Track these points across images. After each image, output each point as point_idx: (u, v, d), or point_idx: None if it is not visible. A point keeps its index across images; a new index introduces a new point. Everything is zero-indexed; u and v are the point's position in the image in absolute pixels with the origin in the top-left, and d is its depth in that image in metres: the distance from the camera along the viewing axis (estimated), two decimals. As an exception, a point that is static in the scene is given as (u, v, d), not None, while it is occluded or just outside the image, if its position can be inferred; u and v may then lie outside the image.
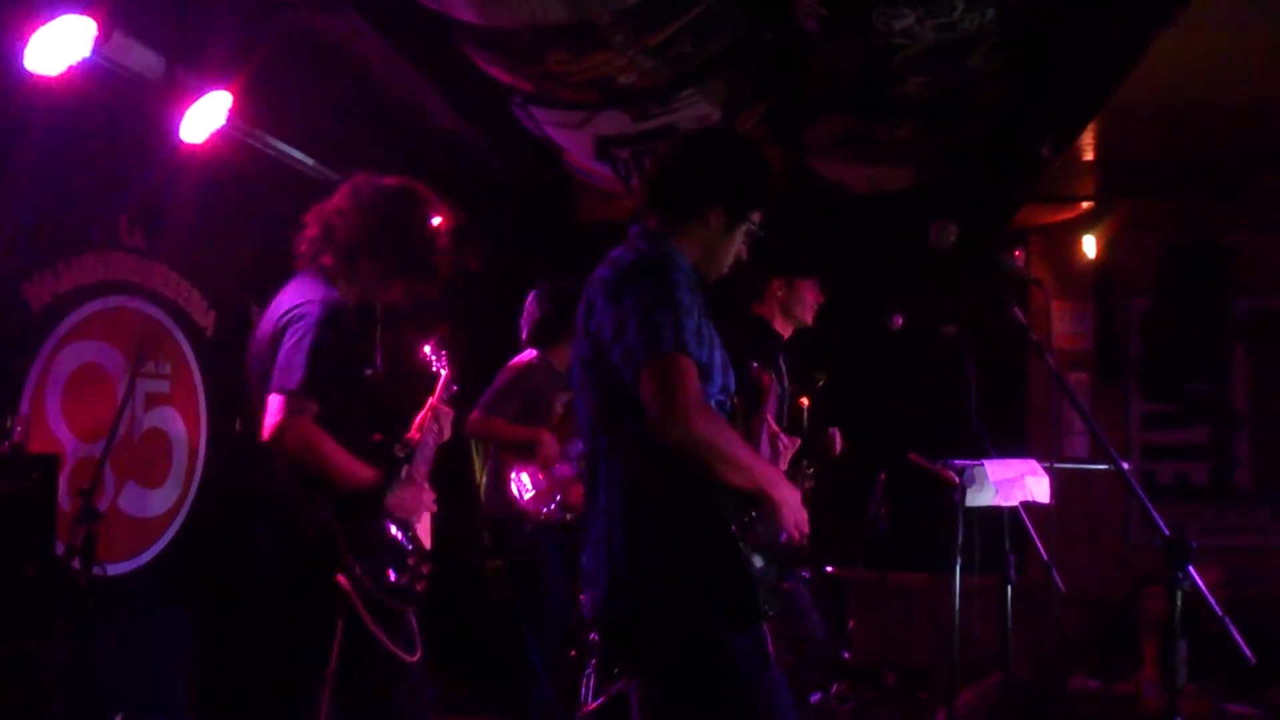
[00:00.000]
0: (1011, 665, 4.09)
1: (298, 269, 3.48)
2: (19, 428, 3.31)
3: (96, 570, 3.32)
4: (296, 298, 3.31)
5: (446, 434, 3.60)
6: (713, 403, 2.46)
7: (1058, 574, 3.97)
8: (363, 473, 3.23)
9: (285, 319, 3.25)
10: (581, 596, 2.52)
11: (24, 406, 3.68)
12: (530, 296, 5.19)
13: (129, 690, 3.90)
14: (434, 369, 3.76)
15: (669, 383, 2.30)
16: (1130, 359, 7.20)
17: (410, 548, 3.40)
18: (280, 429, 3.08)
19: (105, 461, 3.54)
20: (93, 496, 3.38)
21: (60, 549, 3.36)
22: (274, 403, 3.10)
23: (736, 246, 2.67)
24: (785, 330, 4.49)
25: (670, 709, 2.45)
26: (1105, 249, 7.01)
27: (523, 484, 4.92)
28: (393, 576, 3.29)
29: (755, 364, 3.03)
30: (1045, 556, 4.04)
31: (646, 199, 2.67)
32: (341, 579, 3.13)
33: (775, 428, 2.84)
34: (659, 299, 2.38)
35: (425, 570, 3.41)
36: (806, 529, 2.53)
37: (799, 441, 2.86)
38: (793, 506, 2.49)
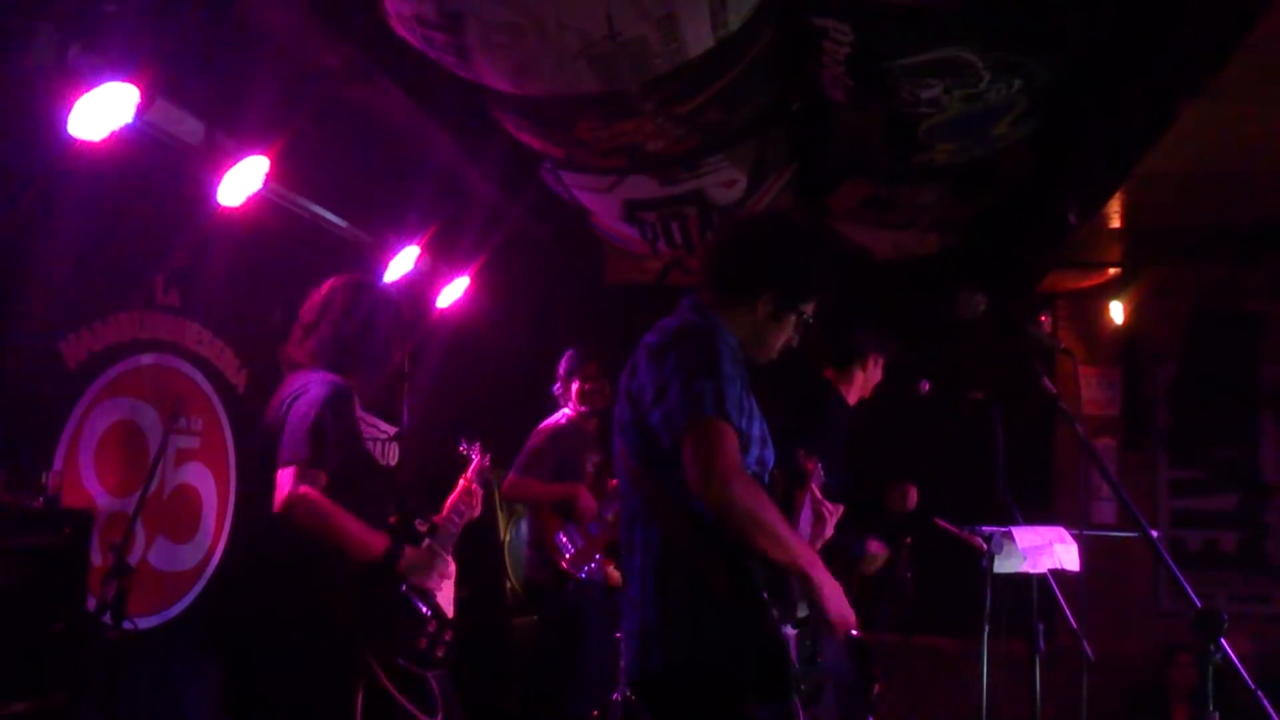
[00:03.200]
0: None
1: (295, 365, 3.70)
2: (53, 483, 3.35)
3: (127, 625, 3.34)
4: (299, 381, 3.53)
5: (477, 511, 3.76)
6: (749, 474, 2.45)
7: (1087, 642, 3.93)
8: (374, 541, 3.35)
9: (290, 399, 3.45)
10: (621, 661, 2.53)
11: (58, 462, 3.73)
12: (563, 358, 5.25)
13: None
14: (468, 454, 3.94)
15: (709, 446, 2.31)
16: (1158, 425, 7.16)
17: (429, 614, 3.47)
18: (291, 500, 3.21)
19: (137, 517, 3.58)
20: (124, 551, 3.41)
21: (92, 603, 3.39)
22: (284, 476, 3.26)
23: (787, 334, 2.69)
24: (852, 398, 4.54)
25: None
26: (1132, 315, 6.99)
27: (564, 544, 4.93)
28: (414, 643, 3.38)
29: (801, 450, 3.04)
30: (1075, 624, 4.00)
31: (703, 273, 2.70)
32: (363, 652, 3.24)
33: (819, 496, 2.84)
34: (703, 366, 2.40)
35: (447, 637, 3.49)
36: (851, 619, 2.50)
37: (842, 508, 2.86)
38: (839, 598, 2.46)
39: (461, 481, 3.81)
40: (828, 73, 4.29)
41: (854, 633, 4.94)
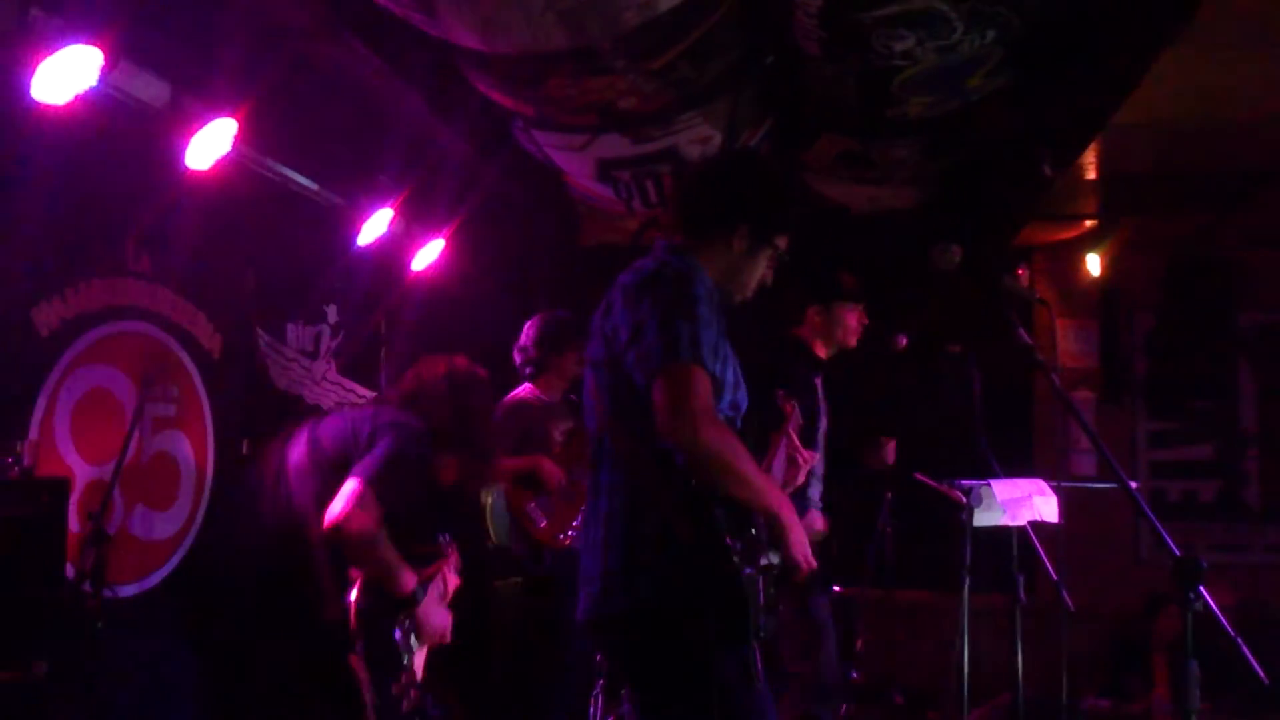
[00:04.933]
0: (1021, 685, 4.07)
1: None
2: (28, 452, 3.33)
3: (107, 593, 3.34)
4: (403, 416, 3.57)
5: (448, 600, 3.82)
6: (723, 418, 2.45)
7: (1067, 593, 3.96)
8: (408, 578, 3.43)
9: (390, 425, 3.48)
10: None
11: (33, 431, 3.70)
12: (540, 323, 5.13)
13: (136, 712, 3.90)
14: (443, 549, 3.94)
15: (681, 390, 2.31)
16: (1135, 376, 7.20)
17: (405, 663, 3.50)
18: (349, 515, 3.25)
19: (115, 485, 3.57)
20: (102, 519, 3.40)
21: (71, 572, 3.38)
22: (352, 487, 3.28)
23: (761, 270, 2.68)
24: (824, 353, 4.50)
25: (653, 716, 2.44)
26: (1109, 267, 7.02)
27: (535, 515, 4.91)
28: (389, 684, 3.43)
29: (781, 391, 3.04)
30: (1055, 576, 4.02)
31: (672, 217, 2.69)
32: (354, 660, 3.32)
33: (796, 443, 2.84)
34: (679, 308, 2.39)
35: (413, 694, 3.49)
36: (814, 562, 2.52)
37: (816, 455, 2.87)
38: (800, 536, 2.48)
39: (443, 572, 3.84)
40: (800, 25, 4.25)
41: (835, 588, 4.98)
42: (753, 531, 2.42)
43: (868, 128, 5.29)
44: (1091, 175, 5.92)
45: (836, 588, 5.86)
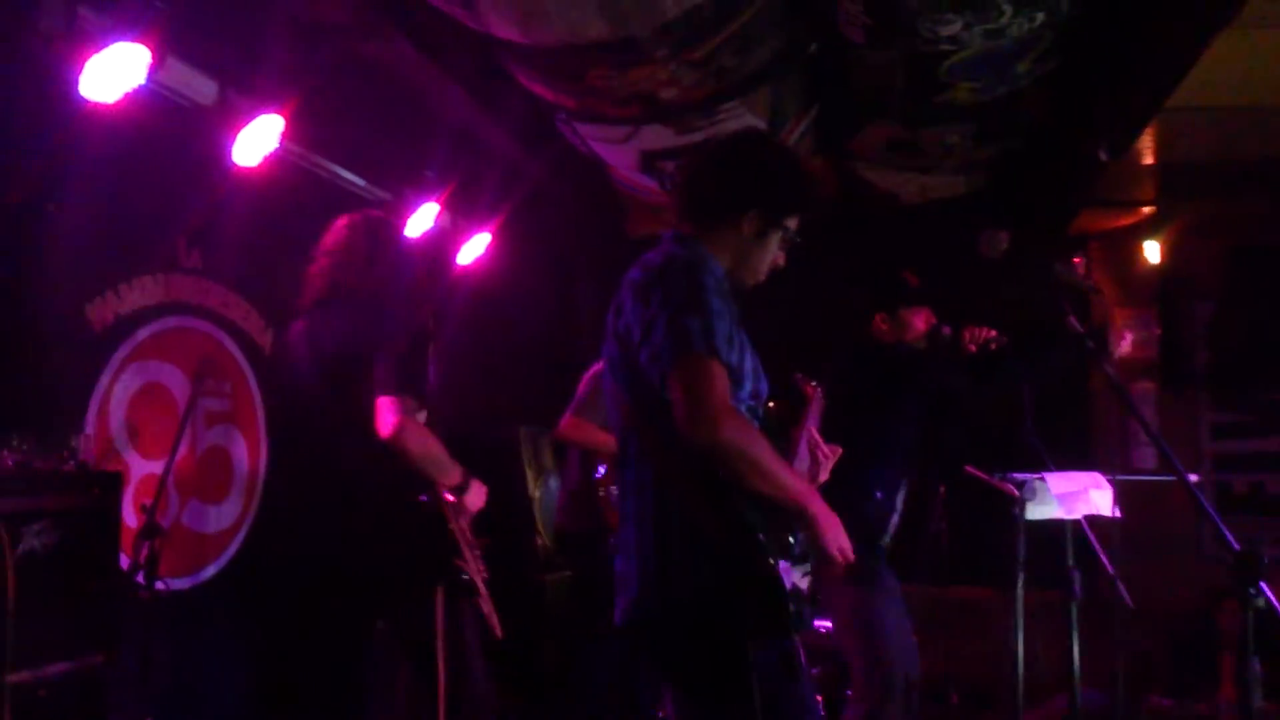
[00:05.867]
0: (1081, 683, 3.99)
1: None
2: (83, 446, 3.39)
3: (160, 585, 3.38)
4: (348, 312, 3.53)
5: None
6: (743, 409, 2.41)
7: (1124, 588, 3.87)
8: (456, 470, 3.50)
9: (354, 327, 3.48)
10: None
11: (88, 425, 3.77)
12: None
13: (189, 704, 3.96)
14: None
15: (697, 385, 2.26)
16: (1197, 367, 7.03)
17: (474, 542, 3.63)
18: (401, 427, 3.30)
19: (167, 478, 3.61)
20: (155, 513, 3.44)
21: (125, 564, 3.43)
22: (387, 404, 3.32)
23: (773, 253, 2.61)
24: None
25: (696, 715, 2.40)
26: (1168, 254, 6.87)
27: (613, 496, 4.86)
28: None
29: (799, 374, 2.99)
30: (1110, 570, 3.93)
31: (679, 204, 2.62)
32: (461, 563, 3.46)
33: (816, 437, 2.78)
34: (688, 301, 2.33)
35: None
36: (850, 553, 2.46)
37: (839, 450, 2.80)
38: (832, 526, 2.43)
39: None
40: (844, 12, 4.21)
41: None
42: (786, 522, 2.38)
43: (916, 115, 5.23)
44: (1149, 160, 5.79)
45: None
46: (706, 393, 2.26)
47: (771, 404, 2.59)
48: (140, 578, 3.38)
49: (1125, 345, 4.21)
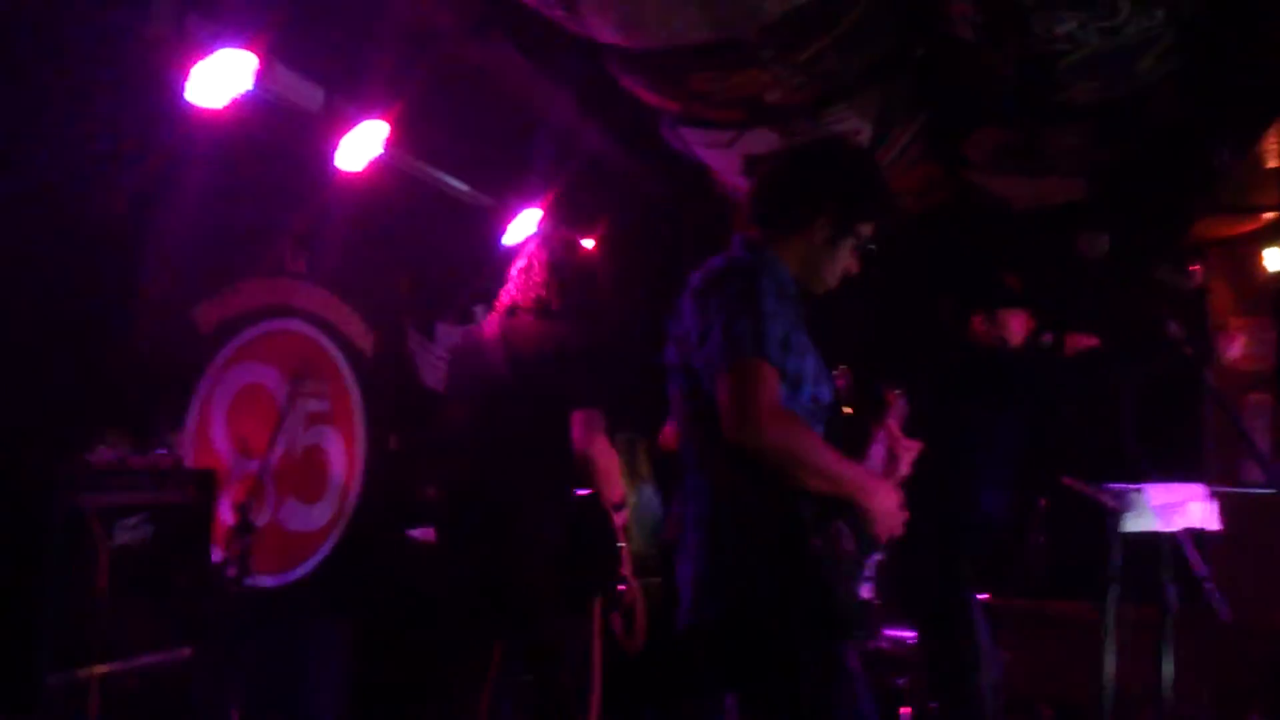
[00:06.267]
0: (1174, 702, 3.85)
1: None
2: (182, 443, 3.46)
3: (250, 581, 3.43)
4: (547, 327, 3.84)
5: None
6: (801, 412, 2.38)
7: (1223, 603, 3.71)
8: (621, 488, 3.84)
9: (552, 342, 3.77)
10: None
11: (190, 423, 3.85)
12: None
13: (274, 700, 4.01)
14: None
15: (744, 388, 2.25)
16: (1316, 379, 6.68)
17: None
18: (597, 441, 3.66)
19: (263, 477, 3.67)
20: (249, 511, 3.50)
21: (218, 560, 3.49)
22: (583, 418, 3.65)
23: (844, 260, 2.57)
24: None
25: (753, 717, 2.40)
26: (1289, 263, 6.54)
27: None
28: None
29: (880, 382, 2.92)
30: (1207, 583, 3.77)
31: (749, 209, 2.60)
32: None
33: (896, 433, 2.71)
34: (743, 305, 2.32)
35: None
36: (899, 532, 2.44)
37: (919, 445, 2.72)
38: (888, 510, 2.41)
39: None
40: (955, 9, 4.09)
41: (982, 597, 4.79)
42: (841, 524, 2.35)
43: (1031, 116, 5.06)
44: (1273, 163, 5.52)
45: (984, 596, 5.64)
46: (753, 395, 2.24)
47: (849, 410, 2.53)
48: (231, 573, 3.43)
49: (1235, 351, 3.99)
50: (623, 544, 3.84)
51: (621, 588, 3.74)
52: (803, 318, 2.47)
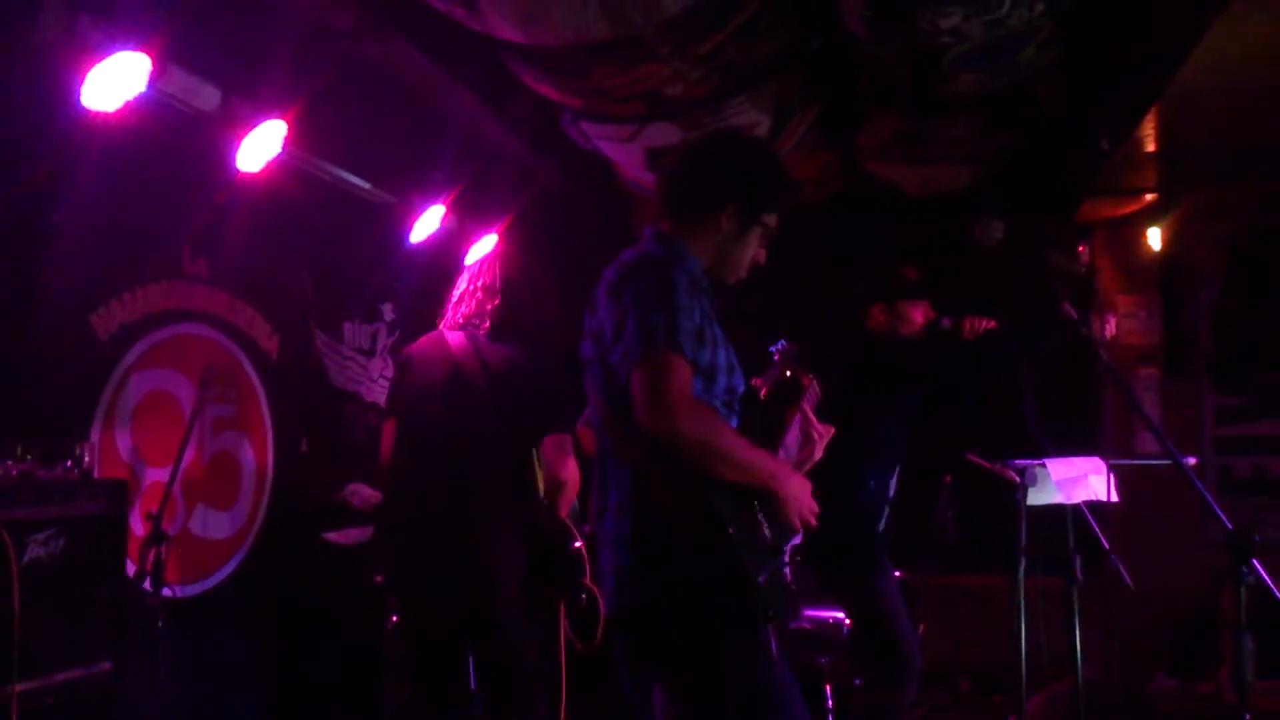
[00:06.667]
0: (1087, 667, 4.02)
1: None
2: (89, 454, 3.40)
3: (167, 591, 3.40)
4: (510, 350, 3.92)
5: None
6: (716, 404, 2.45)
7: (1125, 571, 3.90)
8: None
9: (524, 363, 3.88)
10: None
11: (94, 434, 3.78)
12: None
13: (200, 707, 3.97)
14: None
15: (657, 380, 2.29)
16: (1200, 352, 7.04)
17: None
18: (572, 466, 3.78)
19: (173, 485, 3.63)
20: (160, 520, 3.46)
21: (132, 571, 3.44)
22: (565, 441, 3.80)
23: (753, 249, 2.64)
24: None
25: (675, 705, 2.43)
26: (1170, 241, 6.86)
27: None
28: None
29: (789, 371, 3.00)
30: (1110, 553, 3.96)
31: (658, 202, 2.65)
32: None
33: (811, 417, 2.79)
34: (655, 299, 2.36)
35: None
36: (813, 521, 2.50)
37: (833, 430, 2.80)
38: (798, 498, 2.47)
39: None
40: (845, 5, 4.20)
41: (895, 574, 4.94)
42: (758, 513, 2.41)
43: (920, 107, 5.22)
44: (1150, 148, 5.79)
45: (897, 573, 5.82)
46: (665, 387, 2.29)
47: (764, 392, 2.60)
48: (147, 584, 3.39)
49: (1110, 329, 4.20)
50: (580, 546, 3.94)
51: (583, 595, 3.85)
52: (715, 309, 2.52)
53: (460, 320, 3.95)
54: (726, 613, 2.34)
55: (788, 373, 2.75)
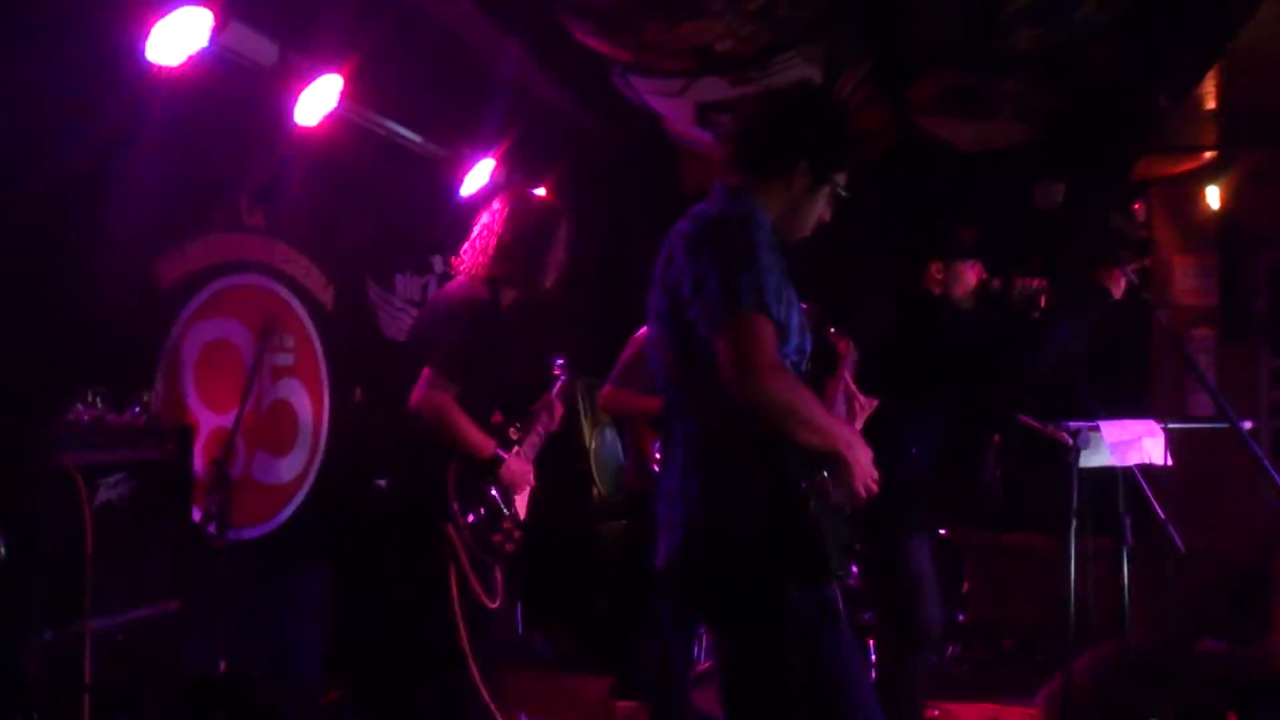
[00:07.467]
0: (1134, 628, 4.02)
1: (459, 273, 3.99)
2: (154, 401, 3.49)
3: (231, 535, 3.50)
4: (459, 293, 3.86)
5: (555, 425, 4.16)
6: (787, 363, 2.45)
7: (1176, 533, 3.88)
8: (484, 445, 3.77)
9: (444, 304, 3.85)
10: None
11: (158, 380, 3.88)
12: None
13: (263, 649, 4.10)
14: (555, 373, 4.24)
15: (745, 341, 2.30)
16: (1258, 314, 6.93)
17: (507, 513, 3.90)
18: (422, 399, 3.65)
19: (236, 431, 3.73)
20: (226, 465, 3.56)
21: (197, 515, 3.55)
22: (422, 378, 3.67)
23: (820, 207, 2.63)
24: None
25: (741, 661, 2.46)
26: (1229, 200, 6.75)
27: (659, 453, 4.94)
28: (489, 535, 3.81)
29: (832, 329, 3.01)
30: (1161, 516, 3.95)
31: (729, 155, 2.63)
32: (450, 529, 3.67)
33: (853, 388, 2.81)
34: (740, 257, 2.36)
35: (517, 536, 3.92)
36: (875, 488, 2.50)
37: (875, 402, 2.82)
38: (866, 466, 2.47)
39: (547, 397, 4.15)
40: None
41: (941, 531, 4.95)
42: (826, 473, 2.43)
43: (975, 62, 5.16)
44: (1210, 105, 5.69)
45: (942, 530, 5.83)
46: (753, 348, 2.30)
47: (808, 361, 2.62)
48: (212, 528, 3.49)
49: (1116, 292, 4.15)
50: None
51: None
52: (784, 267, 2.51)
53: (463, 268, 3.95)
54: (796, 570, 2.36)
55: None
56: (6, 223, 3.31)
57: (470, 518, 3.75)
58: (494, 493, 3.85)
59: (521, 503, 3.97)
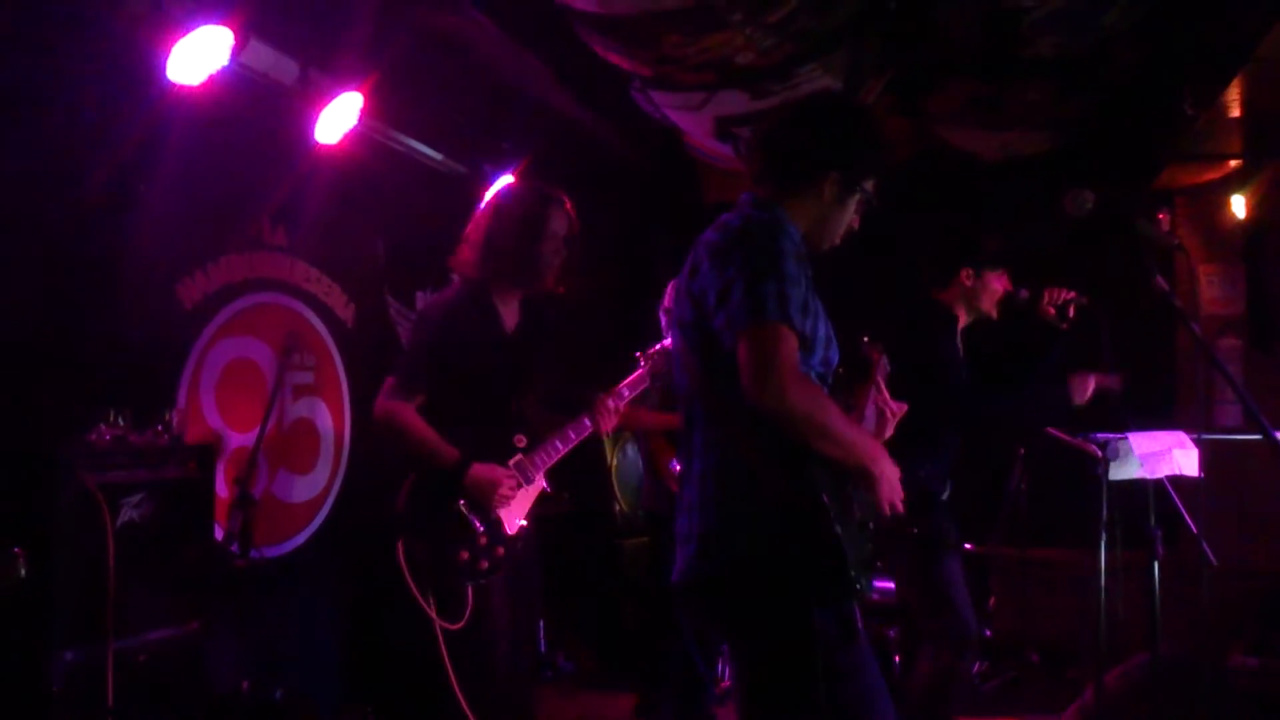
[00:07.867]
0: (1163, 642, 3.96)
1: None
2: (177, 420, 3.49)
3: (254, 554, 3.49)
4: (437, 298, 3.82)
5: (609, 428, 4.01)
6: (812, 375, 2.42)
7: (1208, 547, 3.81)
8: (445, 454, 3.53)
9: (417, 317, 3.82)
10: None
11: (180, 399, 3.88)
12: (670, 285, 5.16)
13: (284, 668, 4.08)
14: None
15: (767, 351, 2.27)
16: (1285, 322, 6.86)
17: (481, 528, 3.56)
18: (377, 409, 3.59)
19: (258, 450, 3.72)
20: (248, 484, 3.56)
21: (219, 534, 3.54)
22: (383, 386, 3.62)
23: (849, 216, 2.61)
24: (965, 319, 4.34)
25: (755, 674, 2.42)
26: (1255, 209, 6.68)
27: (678, 472, 4.89)
28: (452, 552, 3.50)
29: (866, 339, 2.97)
30: (1194, 529, 3.88)
31: (758, 166, 2.61)
32: (399, 548, 3.49)
33: (886, 396, 2.77)
34: (765, 267, 2.34)
35: (498, 553, 3.58)
36: (900, 507, 2.47)
37: (905, 407, 2.78)
38: (889, 482, 2.44)
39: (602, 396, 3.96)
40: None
41: (967, 546, 4.89)
42: (851, 487, 2.39)
43: (997, 71, 5.13)
44: (1235, 112, 5.63)
45: (969, 545, 5.77)
46: (775, 358, 2.27)
47: (840, 369, 2.59)
48: (235, 547, 3.49)
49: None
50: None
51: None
52: (811, 279, 2.49)
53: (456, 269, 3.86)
54: (816, 585, 2.33)
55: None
56: (29, 243, 3.31)
57: (427, 533, 3.51)
58: (462, 505, 3.56)
59: (513, 514, 3.66)
